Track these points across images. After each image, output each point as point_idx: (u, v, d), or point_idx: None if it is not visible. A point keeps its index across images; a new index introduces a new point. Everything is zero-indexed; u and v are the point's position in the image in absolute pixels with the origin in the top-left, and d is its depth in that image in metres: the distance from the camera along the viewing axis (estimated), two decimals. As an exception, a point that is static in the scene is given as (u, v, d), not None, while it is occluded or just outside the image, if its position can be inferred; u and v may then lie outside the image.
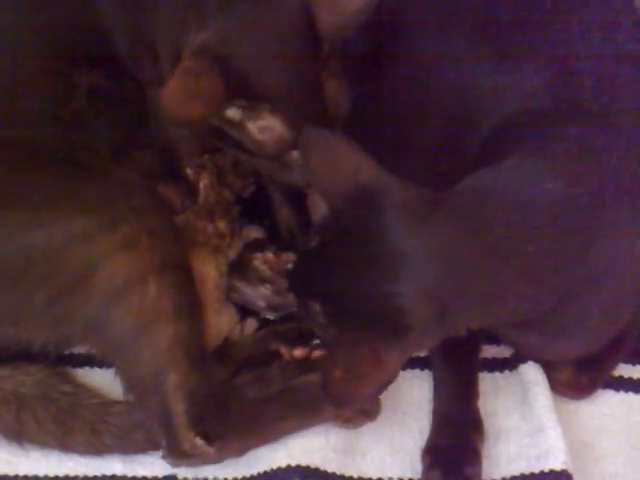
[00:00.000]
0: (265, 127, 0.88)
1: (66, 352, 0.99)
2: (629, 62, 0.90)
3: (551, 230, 0.80)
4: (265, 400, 0.92)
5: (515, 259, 0.79)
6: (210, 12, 0.89)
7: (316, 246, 0.85)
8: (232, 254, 1.00)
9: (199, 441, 0.87)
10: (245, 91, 0.86)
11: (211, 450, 0.88)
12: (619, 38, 0.91)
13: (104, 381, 0.97)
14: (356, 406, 0.77)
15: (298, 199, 1.06)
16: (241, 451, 0.91)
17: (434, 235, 0.79)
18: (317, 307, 0.83)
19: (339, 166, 0.82)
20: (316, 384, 0.89)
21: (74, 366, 0.99)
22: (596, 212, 0.82)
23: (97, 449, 0.92)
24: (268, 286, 1.01)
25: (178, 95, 0.85)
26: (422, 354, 0.98)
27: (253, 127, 0.88)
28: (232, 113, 0.87)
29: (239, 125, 0.88)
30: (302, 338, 0.97)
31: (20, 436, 0.92)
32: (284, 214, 1.06)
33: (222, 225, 0.98)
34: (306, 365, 0.95)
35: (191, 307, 0.91)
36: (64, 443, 0.92)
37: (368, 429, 0.93)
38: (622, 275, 0.85)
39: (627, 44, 0.91)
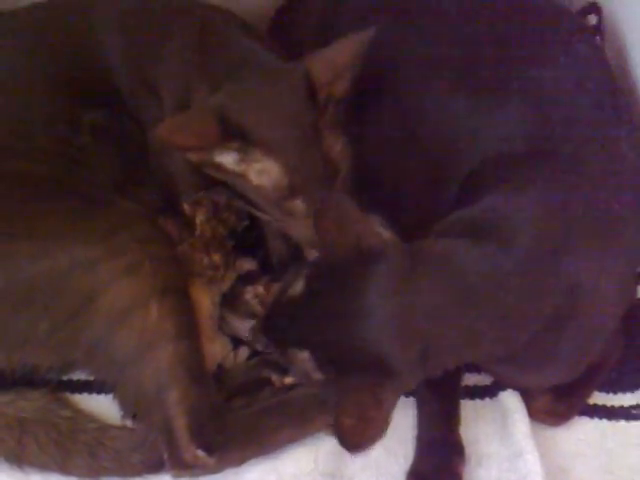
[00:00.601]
0: (262, 170, 0.92)
1: (65, 378, 1.03)
2: (597, 110, 0.94)
3: (521, 276, 0.84)
4: (260, 413, 0.97)
5: (487, 305, 0.83)
6: (219, 79, 0.96)
7: (303, 294, 0.88)
8: (226, 286, 1.04)
9: (200, 452, 0.92)
10: (240, 134, 0.91)
11: (211, 460, 0.93)
12: (588, 86, 0.95)
13: (102, 407, 1.00)
14: (370, 447, 0.81)
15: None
16: (240, 461, 0.95)
17: (412, 287, 0.83)
18: (305, 355, 0.86)
19: (345, 228, 0.86)
20: (307, 396, 0.95)
21: (73, 392, 1.02)
22: (563, 254, 0.85)
23: (96, 472, 0.95)
24: (254, 320, 1.04)
25: (172, 127, 0.91)
26: (407, 382, 1.02)
27: (251, 172, 0.92)
28: (229, 158, 0.92)
29: (239, 174, 0.93)
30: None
31: (21, 459, 0.95)
32: (276, 247, 1.10)
33: (217, 258, 1.02)
34: (295, 390, 0.99)
35: (190, 328, 0.96)
36: (64, 466, 0.95)
37: (355, 453, 0.98)
38: (589, 312, 0.88)
39: (596, 93, 0.95)
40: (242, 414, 0.97)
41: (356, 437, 0.81)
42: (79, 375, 1.03)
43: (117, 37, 1.04)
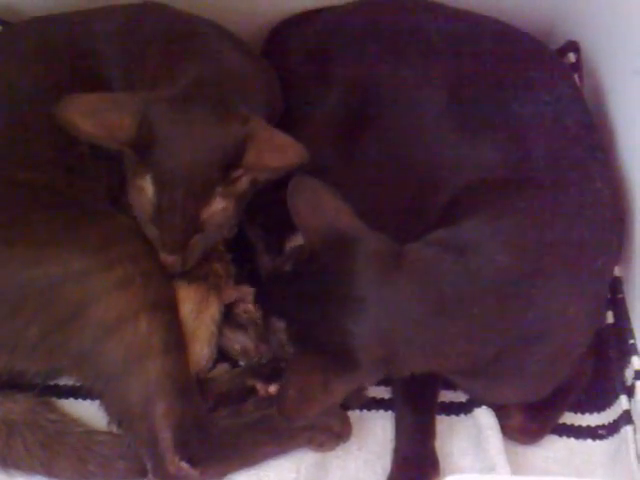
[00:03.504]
0: (140, 187, 0.94)
1: (52, 383, 1.04)
2: (574, 146, 0.98)
3: (494, 295, 0.88)
4: (244, 427, 0.98)
5: (459, 319, 0.87)
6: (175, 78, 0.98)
7: (289, 271, 0.92)
8: (228, 297, 1.06)
9: (184, 465, 0.94)
10: (145, 145, 0.92)
11: (195, 473, 0.94)
12: (567, 123, 1.00)
13: (88, 412, 1.01)
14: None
15: (277, 249, 1.14)
16: (222, 473, 0.97)
17: (393, 288, 0.87)
18: (282, 324, 0.91)
19: (321, 210, 0.90)
20: None
21: (59, 397, 1.03)
22: (536, 280, 0.89)
23: (81, 475, 0.97)
24: (244, 333, 1.07)
25: (82, 106, 0.92)
26: (386, 397, 1.05)
27: (133, 184, 0.95)
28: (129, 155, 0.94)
29: (129, 174, 0.96)
30: (277, 375, 1.02)
31: (7, 461, 0.96)
32: (264, 261, 1.12)
33: (218, 266, 1.05)
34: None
35: (178, 343, 0.97)
36: (50, 469, 0.96)
37: (335, 465, 1.00)
38: (556, 335, 0.92)
39: (573, 130, 0.99)
40: (226, 428, 0.99)
41: (291, 410, 0.86)
42: (66, 380, 1.04)
43: (115, 48, 1.06)
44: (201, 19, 1.10)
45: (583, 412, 1.06)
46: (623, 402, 1.03)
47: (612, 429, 1.04)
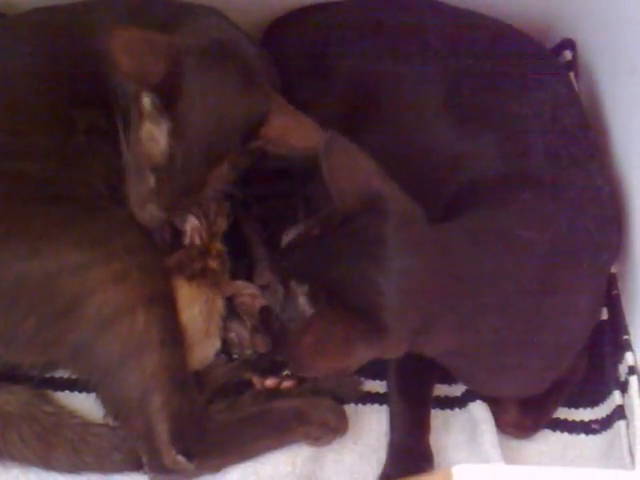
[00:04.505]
0: (150, 133, 0.93)
1: (48, 376, 1.04)
2: (572, 145, 0.99)
3: (508, 282, 0.88)
4: (241, 421, 0.99)
5: (483, 297, 0.87)
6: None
7: (317, 235, 0.91)
8: (227, 291, 1.07)
9: (180, 458, 0.94)
10: (165, 98, 0.92)
11: (191, 466, 0.94)
12: (565, 122, 1.01)
13: (84, 405, 1.02)
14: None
15: (273, 241, 1.14)
16: (218, 467, 0.97)
17: (426, 256, 0.85)
18: (304, 288, 0.87)
19: (355, 170, 0.88)
20: (288, 408, 0.98)
21: (55, 389, 1.03)
22: (542, 271, 0.90)
23: (77, 467, 0.97)
24: (240, 323, 1.07)
25: (125, 42, 0.90)
26: (381, 391, 1.06)
27: (142, 128, 0.94)
28: (147, 100, 0.93)
29: (138, 117, 0.94)
30: (273, 369, 1.04)
31: (2, 453, 0.96)
32: (260, 254, 1.12)
33: (213, 263, 1.05)
34: (276, 394, 1.01)
35: (175, 337, 0.97)
36: (46, 460, 0.96)
37: (331, 458, 1.01)
38: (560, 329, 0.93)
39: (570, 129, 1.00)
40: (223, 422, 0.99)
41: (304, 358, 0.81)
42: (62, 373, 1.04)
43: None
44: (205, 7, 1.09)
45: (577, 407, 1.07)
46: (616, 397, 1.04)
47: (605, 424, 1.05)
